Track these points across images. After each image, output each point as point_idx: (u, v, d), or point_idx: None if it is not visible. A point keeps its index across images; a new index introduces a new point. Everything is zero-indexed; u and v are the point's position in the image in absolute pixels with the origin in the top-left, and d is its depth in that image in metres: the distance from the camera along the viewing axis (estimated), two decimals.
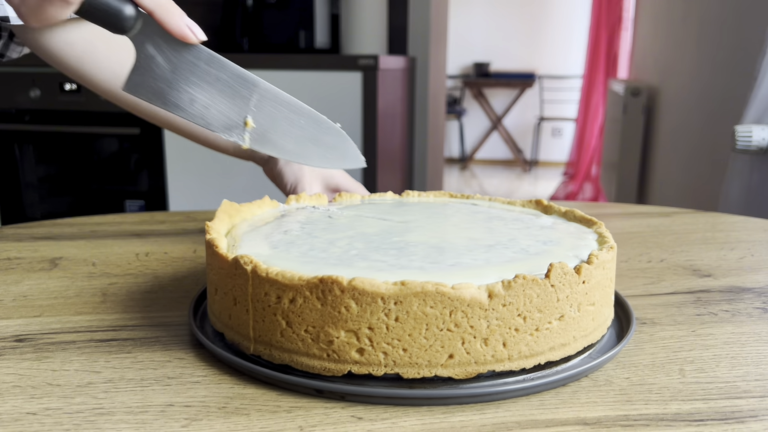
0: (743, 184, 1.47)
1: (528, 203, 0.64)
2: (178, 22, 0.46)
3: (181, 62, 0.47)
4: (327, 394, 0.41)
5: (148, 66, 0.47)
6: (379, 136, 2.07)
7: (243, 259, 0.44)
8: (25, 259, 0.68)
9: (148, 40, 0.46)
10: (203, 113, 0.49)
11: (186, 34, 0.46)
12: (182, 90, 0.48)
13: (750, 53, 1.67)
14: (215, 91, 0.48)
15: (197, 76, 0.48)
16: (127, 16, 0.45)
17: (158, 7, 0.45)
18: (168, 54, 0.47)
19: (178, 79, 0.48)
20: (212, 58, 0.48)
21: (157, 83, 0.48)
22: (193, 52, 0.47)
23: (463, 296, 0.40)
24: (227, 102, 0.49)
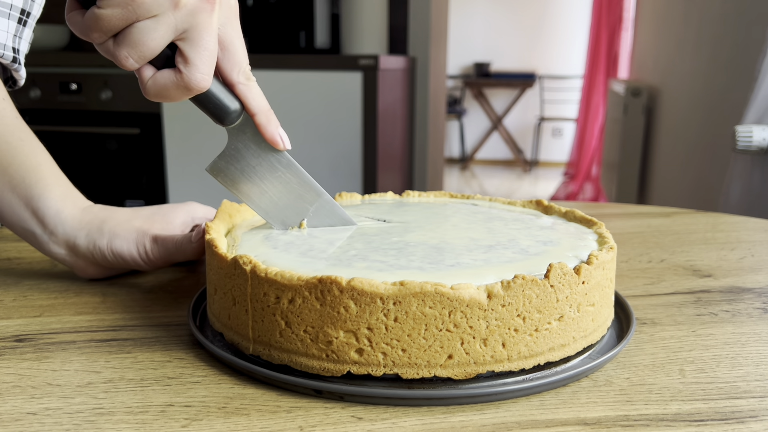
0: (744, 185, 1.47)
1: (528, 203, 0.64)
2: (273, 130, 0.52)
3: (263, 161, 0.53)
4: (326, 394, 0.41)
5: (234, 156, 0.53)
6: (380, 136, 2.07)
7: (242, 259, 0.44)
8: (25, 259, 0.68)
9: (241, 135, 0.52)
10: (268, 207, 0.54)
11: (277, 142, 0.52)
12: (257, 184, 0.54)
13: (750, 53, 1.67)
14: (285, 192, 0.54)
15: (273, 176, 0.54)
16: (233, 112, 0.51)
17: (261, 113, 0.51)
18: (254, 151, 0.53)
19: (256, 174, 0.53)
20: (290, 164, 0.54)
21: (236, 173, 0.53)
22: (276, 156, 0.53)
23: (462, 296, 0.40)
24: (292, 203, 0.54)
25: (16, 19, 0.61)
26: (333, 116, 2.05)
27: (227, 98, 0.50)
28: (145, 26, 0.43)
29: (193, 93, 0.47)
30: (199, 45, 0.46)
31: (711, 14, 2.12)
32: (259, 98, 0.51)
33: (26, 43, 0.63)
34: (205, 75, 0.46)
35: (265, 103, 0.51)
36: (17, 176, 0.58)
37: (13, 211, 0.58)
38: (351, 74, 2.01)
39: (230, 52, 0.49)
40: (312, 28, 2.21)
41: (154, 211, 0.61)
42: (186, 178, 2.15)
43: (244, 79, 0.50)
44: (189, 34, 0.45)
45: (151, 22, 0.43)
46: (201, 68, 0.46)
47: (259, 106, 0.51)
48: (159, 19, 0.44)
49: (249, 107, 0.51)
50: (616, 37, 4.28)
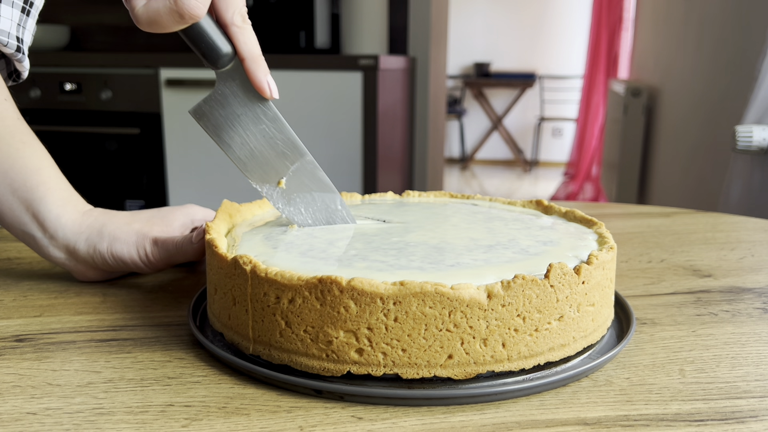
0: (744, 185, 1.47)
1: (528, 203, 0.64)
2: (262, 76, 0.50)
3: (249, 111, 0.52)
4: (326, 394, 0.41)
5: (219, 102, 0.52)
6: (380, 136, 2.07)
7: (242, 259, 0.44)
8: (25, 259, 0.68)
9: (229, 79, 0.51)
10: (248, 159, 0.53)
11: (264, 88, 0.51)
12: (239, 133, 0.52)
13: (750, 53, 1.67)
14: (267, 146, 0.53)
15: (257, 128, 0.52)
16: (224, 54, 0.50)
17: (251, 57, 0.50)
18: (241, 99, 0.51)
19: (240, 123, 0.52)
20: (276, 117, 0.52)
21: (220, 119, 0.52)
22: (263, 106, 0.52)
23: (462, 296, 0.40)
24: (272, 159, 0.53)
25: (19, 8, 0.61)
26: (333, 116, 2.05)
27: (219, 39, 0.49)
28: None
29: (186, 21, 0.46)
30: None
31: (711, 14, 2.12)
32: (252, 43, 0.50)
33: (29, 34, 0.63)
34: (200, 2, 0.45)
35: (257, 48, 0.50)
36: (18, 179, 0.58)
37: (14, 214, 0.58)
38: (351, 74, 2.01)
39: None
40: (312, 28, 2.21)
41: (153, 214, 0.61)
42: (186, 178, 2.15)
43: (240, 21, 0.49)
44: None
45: None
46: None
47: (250, 51, 0.50)
48: None
49: (240, 51, 0.50)
50: (616, 37, 4.28)
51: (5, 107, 0.59)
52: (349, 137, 2.06)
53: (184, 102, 2.07)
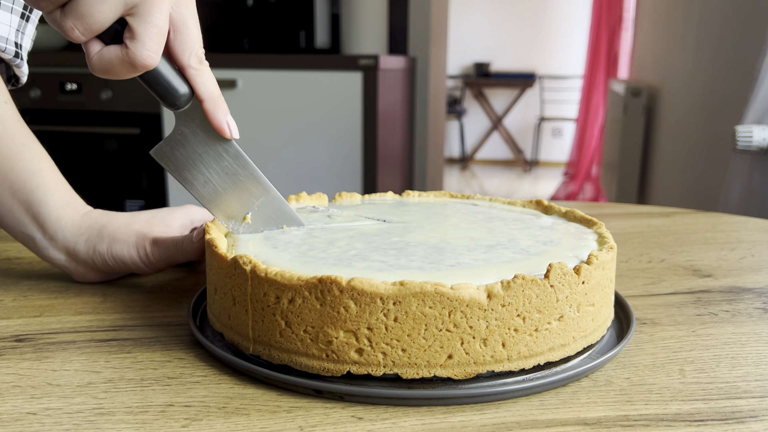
0: (744, 185, 1.47)
1: (528, 203, 0.64)
2: (221, 116, 0.50)
3: (210, 149, 0.52)
4: (326, 394, 0.41)
5: (180, 142, 0.52)
6: (380, 136, 2.07)
7: (242, 259, 0.44)
8: (25, 259, 0.68)
9: (189, 120, 0.51)
10: (212, 197, 0.53)
11: (224, 129, 0.50)
12: (201, 172, 0.52)
13: (750, 53, 1.67)
14: (230, 183, 0.53)
15: (219, 166, 0.52)
16: (181, 95, 0.49)
17: (209, 98, 0.50)
18: (201, 138, 0.51)
19: (201, 162, 0.52)
20: (238, 155, 0.52)
21: (181, 159, 0.52)
22: (224, 145, 0.52)
23: (462, 296, 0.40)
24: (237, 196, 0.53)
25: (18, 14, 0.61)
26: (333, 116, 2.05)
27: (176, 81, 0.49)
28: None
29: (139, 70, 0.46)
30: (148, 21, 0.44)
31: (711, 14, 2.12)
32: (210, 84, 0.50)
33: (29, 39, 0.63)
34: (152, 52, 0.45)
35: (215, 89, 0.50)
36: (18, 181, 0.58)
37: (13, 216, 0.58)
38: (351, 74, 2.01)
39: (182, 34, 0.48)
40: (312, 28, 2.21)
41: (152, 215, 0.61)
42: None
43: (196, 63, 0.49)
44: (138, 9, 0.44)
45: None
46: (148, 45, 0.44)
47: (208, 92, 0.49)
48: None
49: (198, 92, 0.49)
50: (616, 37, 4.28)
51: (5, 109, 0.59)
52: (349, 137, 2.06)
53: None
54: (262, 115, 2.06)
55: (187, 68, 0.49)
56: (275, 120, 2.06)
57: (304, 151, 2.06)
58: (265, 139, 2.07)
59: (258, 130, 2.07)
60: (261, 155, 2.07)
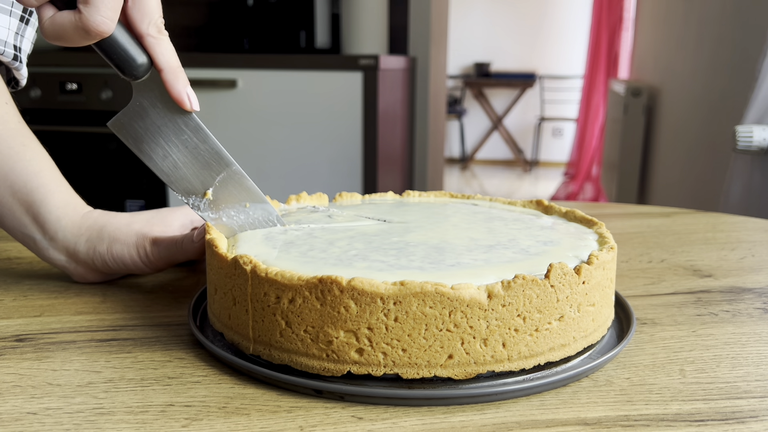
0: (744, 185, 1.47)
1: (529, 203, 0.64)
2: (181, 87, 0.49)
3: (169, 122, 0.50)
4: (326, 394, 0.41)
5: (138, 113, 0.50)
6: (380, 136, 2.07)
7: (242, 259, 0.44)
8: (25, 259, 0.68)
9: (147, 91, 0.49)
10: (171, 171, 0.52)
11: (184, 101, 0.49)
12: (160, 145, 0.51)
13: (751, 53, 1.67)
14: (190, 157, 0.51)
15: (179, 139, 0.51)
16: (139, 65, 0.48)
17: (169, 69, 0.48)
18: (161, 110, 0.50)
19: (161, 135, 0.51)
20: (198, 128, 0.51)
21: (140, 131, 0.51)
22: (183, 117, 0.50)
23: (462, 296, 0.40)
24: (197, 170, 0.52)
25: (18, 17, 0.61)
26: (333, 116, 2.05)
27: (133, 49, 0.47)
28: None
29: (93, 37, 0.44)
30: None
31: (711, 14, 2.12)
32: (169, 54, 0.48)
33: (29, 42, 0.63)
34: (106, 18, 0.43)
35: (175, 59, 0.49)
36: (19, 181, 0.58)
37: (14, 216, 0.58)
38: (351, 74, 2.01)
39: (140, 3, 0.46)
40: (312, 28, 2.21)
41: (152, 215, 0.61)
42: None
43: (155, 32, 0.47)
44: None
45: None
46: (102, 10, 0.43)
47: (167, 62, 0.48)
48: None
49: (157, 62, 0.48)
50: (617, 37, 4.28)
51: (6, 110, 0.59)
52: (349, 137, 2.06)
53: None
54: (262, 115, 2.06)
55: (146, 36, 0.47)
56: (275, 120, 2.06)
57: (304, 151, 2.06)
58: (265, 139, 2.07)
59: (258, 130, 2.07)
60: (261, 155, 2.07)
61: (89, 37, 0.44)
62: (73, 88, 2.16)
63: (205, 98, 2.05)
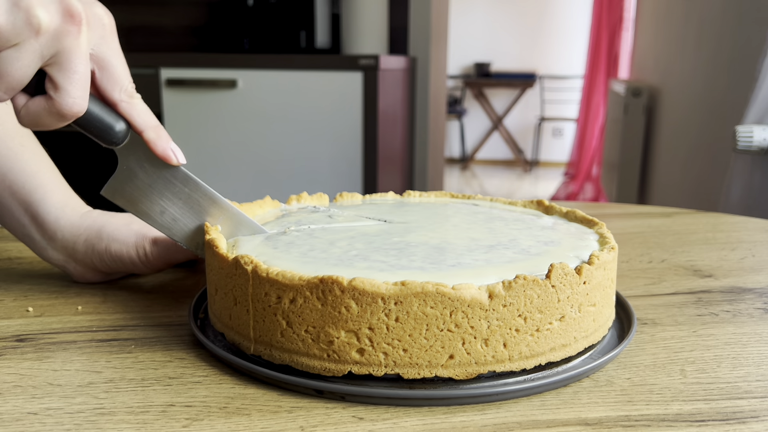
0: (744, 185, 1.47)
1: (529, 203, 0.64)
2: (164, 145, 0.50)
3: (159, 178, 0.51)
4: (327, 394, 0.41)
5: (127, 177, 0.51)
6: (380, 136, 2.07)
7: (243, 259, 0.44)
8: (25, 259, 0.68)
9: (132, 154, 0.50)
10: (170, 225, 0.53)
11: (169, 156, 0.50)
12: (155, 202, 0.52)
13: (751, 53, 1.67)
14: (186, 208, 0.53)
15: (171, 192, 0.52)
16: (118, 132, 0.49)
17: (148, 129, 0.49)
18: (148, 169, 0.51)
19: (153, 192, 0.52)
20: (188, 178, 0.52)
21: (132, 193, 0.52)
22: (171, 171, 0.51)
23: (463, 297, 0.40)
24: (195, 219, 0.53)
25: None
26: (333, 116, 2.05)
27: (110, 118, 0.48)
28: (7, 56, 0.41)
29: (68, 119, 0.45)
30: (68, 69, 0.43)
31: (711, 14, 2.12)
32: (145, 114, 0.49)
33: None
34: (77, 99, 0.44)
35: (152, 118, 0.50)
36: (18, 181, 0.58)
37: (13, 216, 0.58)
38: (351, 74, 2.01)
39: (108, 71, 0.47)
40: (312, 28, 2.21)
41: None
42: None
43: (127, 97, 0.48)
44: (56, 59, 0.43)
45: (14, 51, 0.41)
46: (72, 92, 0.44)
47: (145, 123, 0.49)
48: (21, 48, 0.41)
49: (135, 125, 0.49)
50: (617, 37, 4.28)
51: (4, 110, 0.59)
52: (349, 137, 2.06)
53: (184, 102, 2.07)
54: (262, 115, 2.06)
55: (119, 103, 0.48)
56: (275, 120, 2.06)
57: (305, 151, 2.06)
58: (266, 139, 2.07)
59: (258, 130, 2.07)
60: (261, 155, 2.07)
61: (65, 119, 0.45)
62: None
63: (205, 98, 2.05)
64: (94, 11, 0.45)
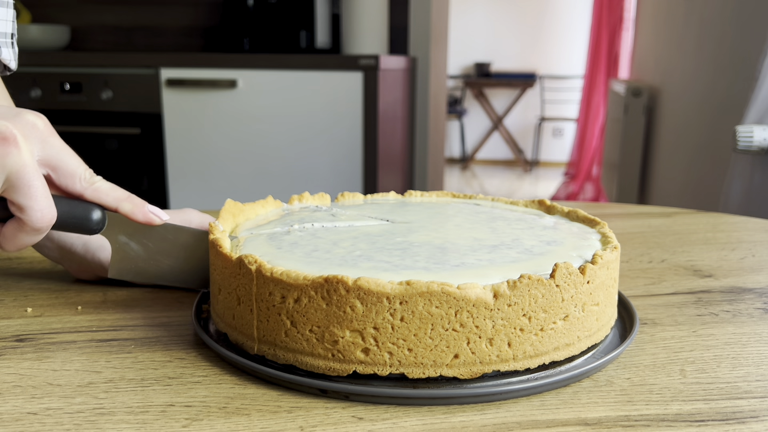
0: (744, 185, 1.47)
1: (531, 203, 0.64)
2: (143, 211, 0.51)
3: (151, 241, 0.53)
4: (331, 393, 0.41)
5: (124, 252, 0.52)
6: (380, 137, 2.07)
7: (247, 258, 0.44)
8: (25, 258, 0.68)
9: (119, 231, 0.51)
10: (185, 279, 0.55)
11: (152, 220, 0.51)
12: (161, 263, 0.54)
13: (751, 53, 1.67)
14: (191, 256, 0.54)
15: (169, 248, 0.53)
16: (96, 220, 0.50)
17: (121, 203, 0.50)
18: (139, 238, 0.52)
19: (154, 254, 0.53)
20: (178, 229, 0.53)
21: (137, 264, 0.53)
22: (161, 231, 0.53)
23: (468, 296, 0.40)
24: (199, 263, 0.55)
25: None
26: (333, 116, 2.05)
27: (82, 210, 0.49)
28: None
29: (44, 231, 0.46)
30: (24, 187, 0.44)
31: (712, 14, 2.12)
32: (113, 192, 0.50)
33: (9, 23, 0.62)
34: (44, 210, 0.45)
35: (121, 192, 0.50)
36: None
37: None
38: (351, 74, 2.01)
39: (62, 169, 0.48)
40: (312, 28, 2.21)
41: None
42: (186, 179, 2.15)
43: (88, 185, 0.49)
44: (8, 183, 0.43)
45: None
46: (36, 207, 0.44)
47: (116, 199, 0.50)
48: None
49: (107, 205, 0.50)
50: (617, 37, 4.28)
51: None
52: (349, 137, 2.06)
53: (184, 102, 2.07)
54: (262, 115, 2.06)
55: (84, 192, 0.49)
56: (275, 120, 2.06)
57: (305, 151, 2.06)
58: (266, 139, 2.07)
59: (258, 130, 2.07)
60: (261, 155, 2.07)
61: (42, 232, 0.46)
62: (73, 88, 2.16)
63: (205, 98, 2.05)
64: (25, 121, 0.46)
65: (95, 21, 2.55)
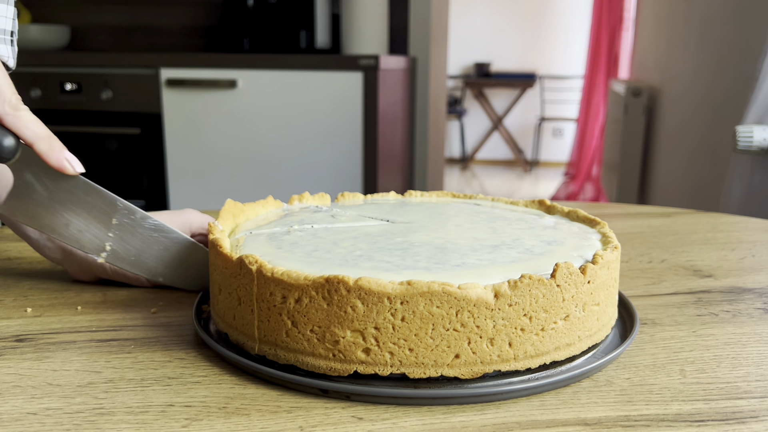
0: (744, 185, 1.47)
1: (531, 203, 0.64)
2: (58, 155, 0.48)
3: (58, 190, 0.50)
4: (332, 393, 0.41)
5: (25, 192, 0.50)
6: (380, 137, 2.07)
7: (248, 258, 0.44)
8: (25, 259, 0.68)
9: (26, 168, 0.49)
10: (77, 236, 0.52)
11: (64, 167, 0.48)
12: (59, 215, 0.51)
13: (751, 53, 1.67)
14: (90, 218, 0.52)
15: (74, 203, 0.51)
16: (7, 147, 0.47)
17: (39, 141, 0.48)
18: (46, 182, 0.49)
19: (55, 204, 0.50)
20: (89, 187, 0.51)
21: (33, 208, 0.50)
22: (70, 181, 0.50)
23: (469, 296, 0.40)
24: (102, 228, 0.52)
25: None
26: (333, 116, 2.05)
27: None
28: None
29: None
30: None
31: (712, 14, 2.12)
32: (34, 126, 0.48)
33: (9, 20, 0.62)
34: None
35: (42, 129, 0.48)
36: None
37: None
38: (351, 74, 2.01)
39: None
40: (312, 28, 2.21)
41: None
42: (186, 179, 2.15)
43: (11, 110, 0.47)
44: None
45: None
46: None
47: (35, 134, 0.48)
48: None
49: (24, 137, 0.47)
50: (617, 37, 4.27)
51: None
52: (349, 137, 2.06)
53: (184, 102, 2.07)
54: (262, 115, 2.06)
55: (4, 117, 0.47)
56: (275, 120, 2.06)
57: (305, 151, 2.06)
58: (266, 139, 2.07)
59: (258, 130, 2.07)
60: (261, 155, 2.07)
61: None
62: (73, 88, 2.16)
63: (205, 98, 2.05)
64: None
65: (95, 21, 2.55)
